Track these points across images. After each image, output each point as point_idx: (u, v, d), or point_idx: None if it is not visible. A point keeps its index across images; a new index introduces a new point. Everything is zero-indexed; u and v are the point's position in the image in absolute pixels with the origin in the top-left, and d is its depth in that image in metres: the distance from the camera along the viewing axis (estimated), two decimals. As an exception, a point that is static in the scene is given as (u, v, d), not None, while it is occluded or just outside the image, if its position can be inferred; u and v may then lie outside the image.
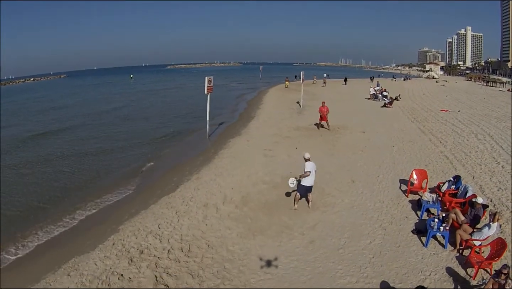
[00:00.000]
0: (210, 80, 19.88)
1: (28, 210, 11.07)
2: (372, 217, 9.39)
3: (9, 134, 22.78)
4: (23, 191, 12.65)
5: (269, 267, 7.34)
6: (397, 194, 10.87)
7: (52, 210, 11.13)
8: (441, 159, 14.25)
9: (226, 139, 18.74)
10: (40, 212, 10.99)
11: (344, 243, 8.15)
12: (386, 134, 18.96)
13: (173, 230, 8.88)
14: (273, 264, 7.42)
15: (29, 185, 13.35)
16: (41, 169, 15.36)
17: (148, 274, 7.22)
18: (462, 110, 28.35)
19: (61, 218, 10.50)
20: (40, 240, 9.32)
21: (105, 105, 38.54)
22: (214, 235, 8.57)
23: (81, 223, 10.29)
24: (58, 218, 10.49)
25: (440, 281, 6.90)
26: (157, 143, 19.52)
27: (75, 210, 10.97)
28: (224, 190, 11.32)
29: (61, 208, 11.19)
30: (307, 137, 18.74)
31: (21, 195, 12.33)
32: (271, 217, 9.42)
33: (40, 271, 7.63)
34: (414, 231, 8.67)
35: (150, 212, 10.11)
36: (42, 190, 12.83)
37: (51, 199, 11.98)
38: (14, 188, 12.93)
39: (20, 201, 11.83)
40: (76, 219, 10.52)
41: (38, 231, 9.73)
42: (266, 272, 7.17)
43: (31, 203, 11.64)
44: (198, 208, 10.03)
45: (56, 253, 8.48)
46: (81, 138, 21.29)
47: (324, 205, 10.15)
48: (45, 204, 11.59)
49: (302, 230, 8.75)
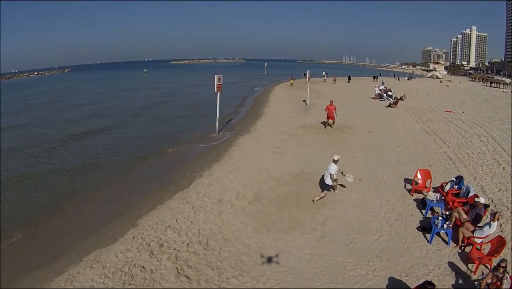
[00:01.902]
0: (219, 78, 20.33)
1: (42, 207, 11.31)
2: (379, 214, 9.86)
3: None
4: (38, 190, 12.91)
5: (285, 259, 7.80)
6: (402, 193, 11.33)
7: (68, 204, 11.48)
8: (444, 159, 14.67)
9: (236, 137, 19.24)
10: (55, 208, 11.27)
11: (353, 238, 8.63)
12: (391, 134, 19.37)
13: (190, 224, 9.33)
14: (287, 257, 7.88)
15: (41, 184, 13.37)
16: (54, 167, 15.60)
17: (169, 266, 7.62)
18: (466, 111, 28.64)
19: (78, 212, 10.85)
20: (58, 234, 9.58)
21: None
22: (230, 229, 9.03)
23: (98, 217, 10.50)
24: (74, 212, 10.84)
25: (443, 275, 7.39)
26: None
27: (91, 204, 11.35)
28: (237, 186, 11.79)
29: (78, 202, 11.61)
30: (314, 135, 19.19)
31: (36, 193, 12.58)
32: (283, 213, 9.90)
33: (62, 264, 7.90)
34: (419, 228, 9.14)
35: (167, 207, 10.53)
36: (60, 185, 13.13)
37: (67, 195, 12.31)
38: (38, 183, 13.35)
39: (33, 199, 12.09)
40: (93, 213, 10.82)
41: (55, 225, 10.07)
42: (281, 264, 7.63)
43: (39, 201, 11.85)
44: (213, 204, 10.51)
45: (76, 246, 8.73)
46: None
47: (333, 202, 10.61)
48: (62, 199, 11.94)
49: (313, 225, 9.23)
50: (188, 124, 24.54)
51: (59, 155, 17.10)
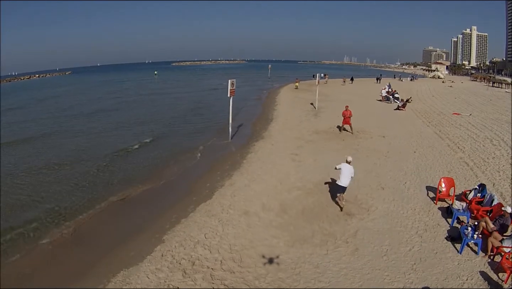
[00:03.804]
0: (233, 83, 20.25)
1: (48, 217, 11.11)
2: (407, 225, 9.90)
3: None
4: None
5: (322, 275, 7.78)
6: (425, 201, 11.39)
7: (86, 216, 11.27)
8: (461, 165, 14.75)
9: (250, 143, 19.24)
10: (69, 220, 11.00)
11: (386, 250, 8.66)
12: (405, 139, 19.45)
13: (220, 239, 9.16)
14: (324, 272, 7.87)
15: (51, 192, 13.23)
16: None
17: (205, 286, 7.33)
18: (473, 113, 28.81)
19: (98, 223, 10.67)
20: (80, 250, 9.25)
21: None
22: (262, 244, 8.94)
23: (121, 231, 10.26)
24: (93, 224, 10.67)
25: (476, 285, 7.47)
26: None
27: (112, 215, 11.26)
28: (261, 196, 11.78)
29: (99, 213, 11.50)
30: (329, 140, 19.25)
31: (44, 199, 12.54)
32: (312, 225, 9.90)
33: (88, 285, 7.54)
34: (448, 238, 9.20)
35: (192, 221, 10.31)
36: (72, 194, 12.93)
37: (84, 204, 12.10)
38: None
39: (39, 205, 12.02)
40: (114, 225, 10.70)
41: (74, 239, 9.81)
42: (319, 280, 7.61)
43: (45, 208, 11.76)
44: (240, 216, 10.45)
45: (101, 265, 8.34)
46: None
47: (360, 212, 10.65)
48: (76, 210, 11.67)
49: (345, 237, 9.25)
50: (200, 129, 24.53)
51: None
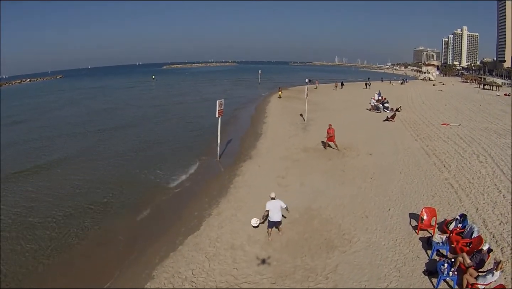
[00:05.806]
0: (221, 103, 20.40)
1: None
2: (387, 257, 10.16)
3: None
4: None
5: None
6: (408, 231, 11.66)
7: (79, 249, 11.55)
8: (446, 188, 15.03)
9: (238, 164, 19.40)
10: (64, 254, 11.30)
11: (364, 286, 8.93)
12: (392, 156, 19.77)
13: (206, 276, 9.45)
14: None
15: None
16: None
17: None
18: (462, 123, 29.27)
19: (84, 260, 10.85)
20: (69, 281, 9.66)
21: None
22: (246, 281, 9.20)
23: (111, 265, 10.49)
24: (80, 261, 10.84)
25: (451, 321, 7.77)
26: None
27: (97, 249, 11.47)
28: (247, 227, 11.97)
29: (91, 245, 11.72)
30: (316, 160, 19.51)
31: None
32: (296, 259, 10.12)
33: None
34: (425, 272, 9.48)
35: (180, 255, 10.54)
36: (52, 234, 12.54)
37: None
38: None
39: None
40: (104, 258, 10.93)
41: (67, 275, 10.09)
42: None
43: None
44: (226, 250, 10.67)
45: None
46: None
47: (342, 244, 10.90)
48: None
49: (325, 273, 9.49)
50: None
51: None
